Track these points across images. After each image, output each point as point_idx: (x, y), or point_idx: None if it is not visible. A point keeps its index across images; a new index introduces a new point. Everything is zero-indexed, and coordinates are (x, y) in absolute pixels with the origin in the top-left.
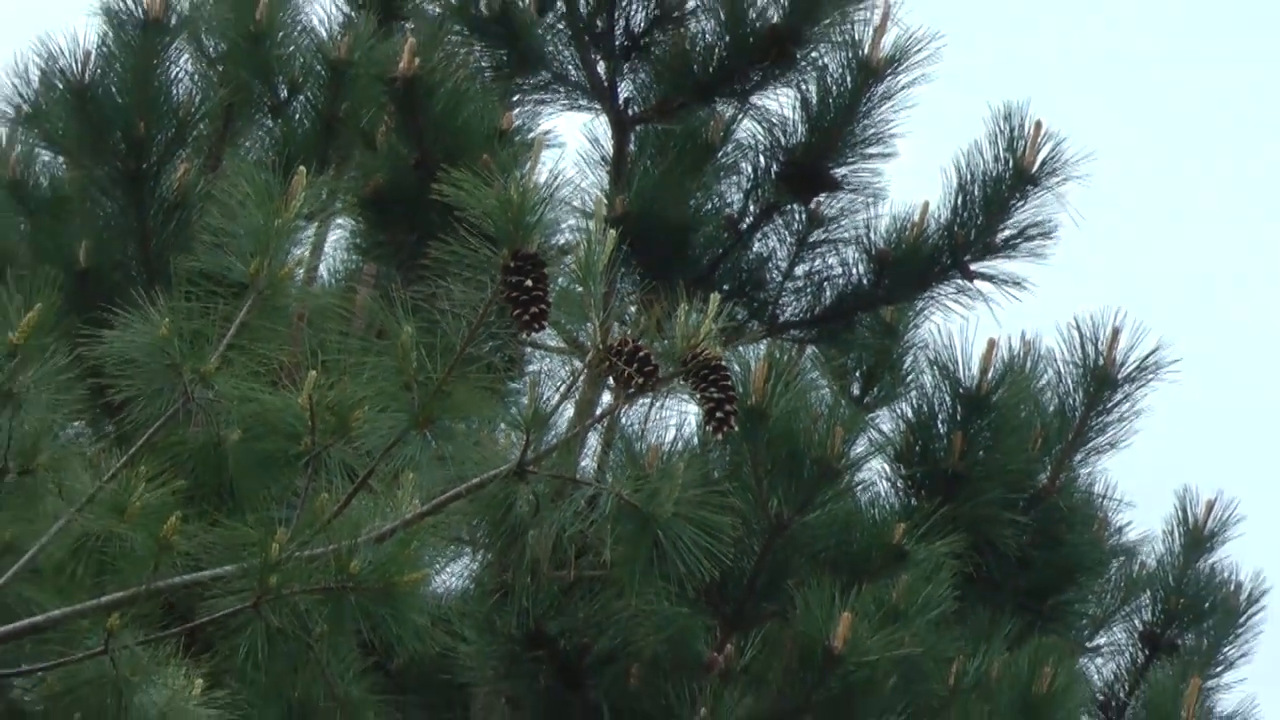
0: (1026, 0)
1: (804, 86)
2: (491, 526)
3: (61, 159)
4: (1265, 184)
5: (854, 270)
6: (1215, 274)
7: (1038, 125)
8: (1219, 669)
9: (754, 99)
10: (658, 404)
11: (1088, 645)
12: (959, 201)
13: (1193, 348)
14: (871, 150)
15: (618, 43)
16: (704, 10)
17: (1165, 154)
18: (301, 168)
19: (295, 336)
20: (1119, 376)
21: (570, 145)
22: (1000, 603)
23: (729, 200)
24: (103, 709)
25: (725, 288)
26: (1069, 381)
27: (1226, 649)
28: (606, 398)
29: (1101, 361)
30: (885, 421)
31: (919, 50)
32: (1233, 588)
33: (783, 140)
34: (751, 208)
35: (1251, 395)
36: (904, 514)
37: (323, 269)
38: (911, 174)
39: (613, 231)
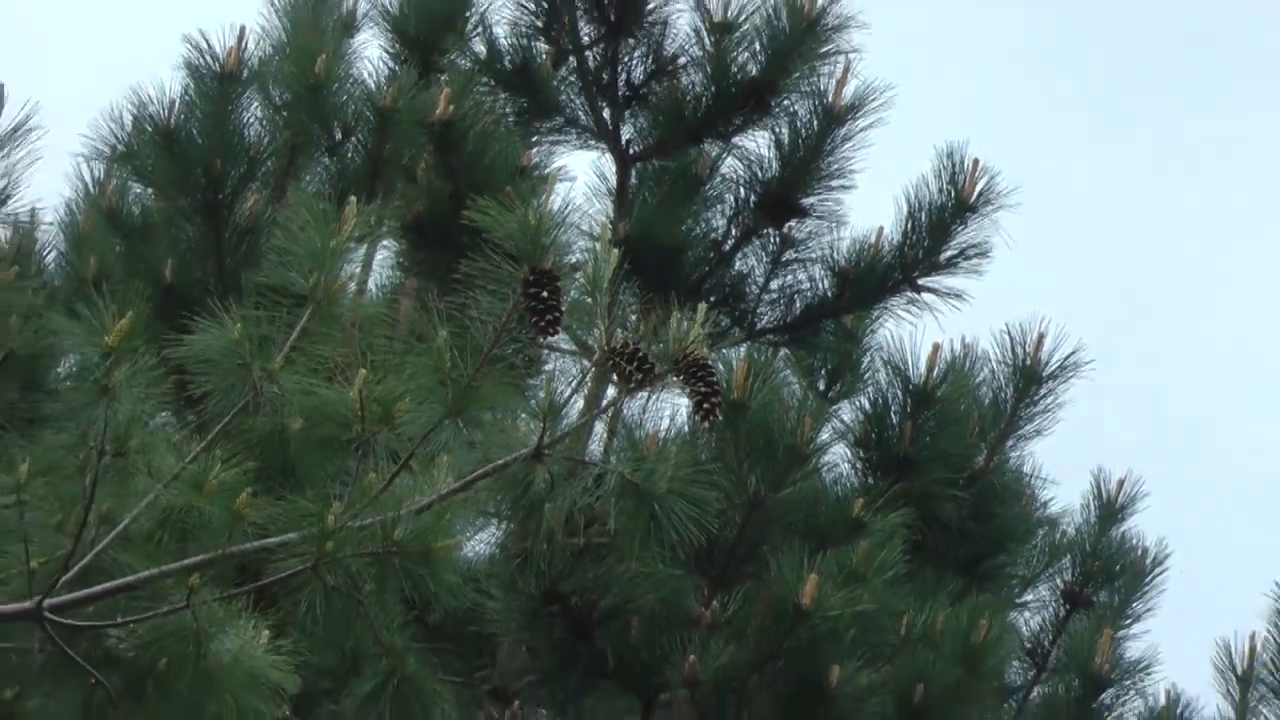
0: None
1: (778, 129)
2: (513, 501)
3: (150, 191)
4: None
5: (820, 285)
6: (1130, 284)
7: (975, 162)
8: (1128, 622)
9: (735, 140)
10: (654, 397)
11: (1017, 601)
12: (909, 226)
13: (1106, 344)
14: (835, 183)
15: (620, 93)
16: (693, 65)
17: (1084, 174)
18: (353, 198)
19: (348, 340)
20: (1043, 374)
21: (580, 179)
22: (943, 566)
23: (714, 225)
24: (184, 655)
25: (711, 299)
26: (1001, 379)
27: (1134, 604)
28: (611, 392)
29: (1029, 362)
30: (846, 413)
31: (875, 99)
32: (1140, 553)
33: (760, 175)
34: (733, 232)
35: (1157, 385)
36: (862, 491)
37: (371, 283)
38: (868, 202)
39: (616, 251)
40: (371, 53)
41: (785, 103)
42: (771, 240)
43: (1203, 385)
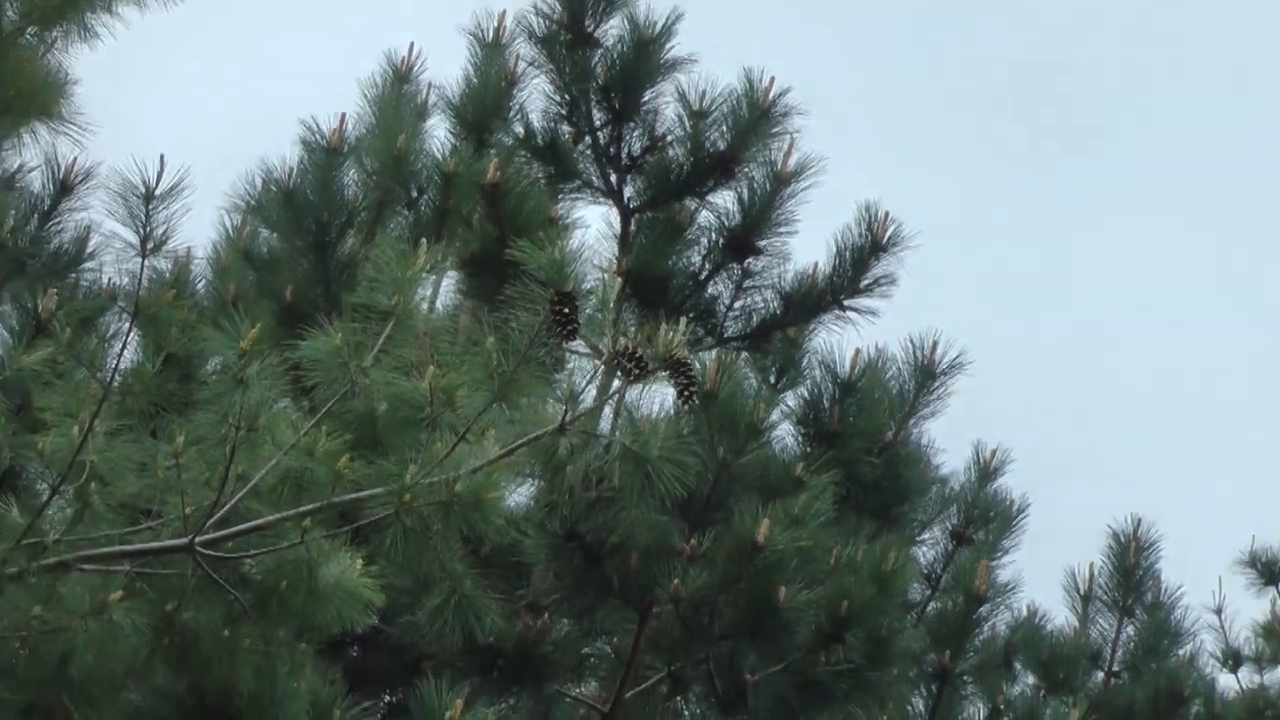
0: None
1: (740, 190)
2: (543, 464)
3: (274, 235)
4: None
5: (771, 305)
6: (1008, 300)
7: (886, 214)
8: (999, 555)
9: (709, 198)
10: (648, 388)
11: (917, 539)
12: (837, 262)
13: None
14: (782, 230)
15: (623, 163)
16: (677, 142)
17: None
18: (424, 240)
19: (420, 345)
20: (937, 371)
21: (592, 227)
22: (862, 513)
23: (693, 261)
24: (299, 578)
25: (690, 316)
26: (905, 374)
27: (1004, 542)
28: (616, 383)
29: (926, 362)
30: (790, 400)
31: (812, 167)
32: (1008, 503)
33: (726, 223)
34: (707, 266)
35: (1028, 379)
36: (802, 457)
37: (438, 303)
38: (807, 242)
39: (619, 280)
40: (439, 132)
41: (746, 170)
42: (735, 272)
43: (1059, 376)
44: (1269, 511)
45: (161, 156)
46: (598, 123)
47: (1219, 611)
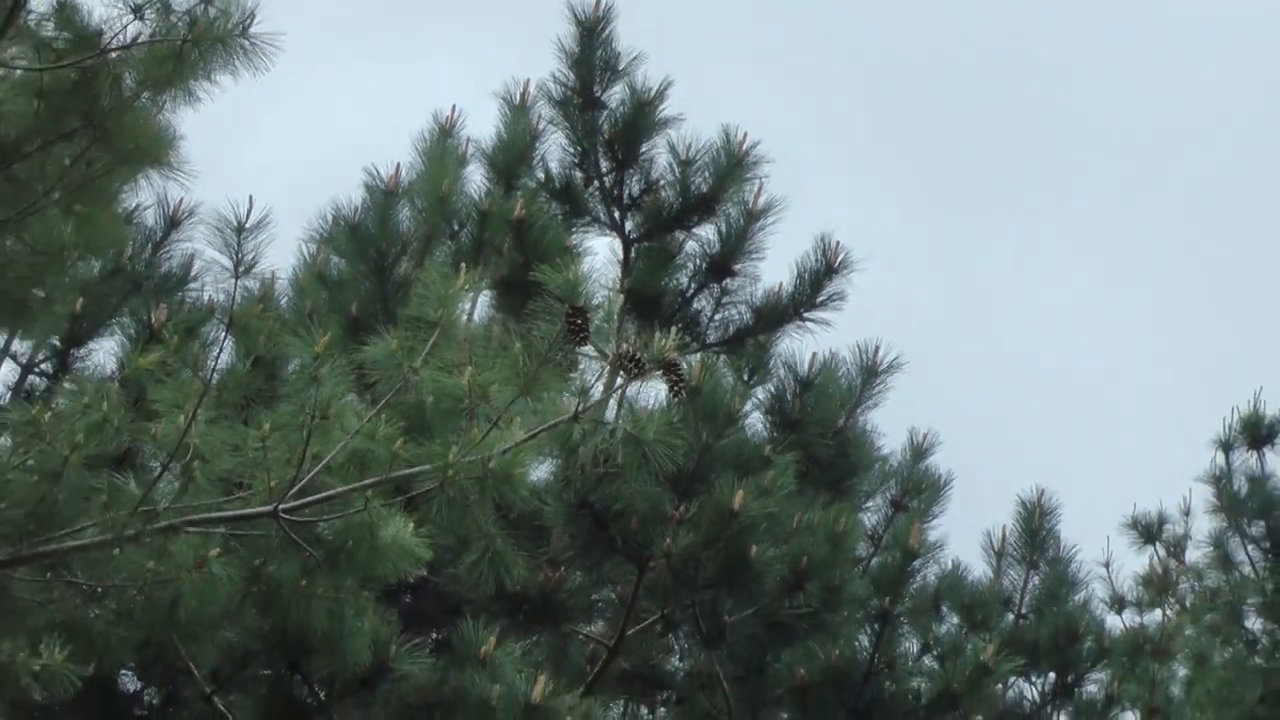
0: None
1: (719, 224)
2: (560, 445)
3: (342, 260)
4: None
5: (744, 317)
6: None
7: (838, 243)
8: (929, 519)
9: (694, 230)
10: (645, 384)
11: (863, 507)
12: (798, 282)
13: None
14: (754, 256)
15: (625, 202)
16: (668, 185)
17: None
18: (464, 265)
19: (461, 350)
20: (879, 370)
21: (600, 254)
22: (818, 485)
23: (681, 282)
24: (363, 538)
25: (679, 326)
26: (853, 372)
27: (934, 509)
28: (619, 381)
29: (870, 363)
30: (760, 393)
31: (778, 205)
32: (937, 477)
33: (708, 251)
34: (692, 285)
35: (955, 377)
36: (770, 440)
37: (475, 316)
38: (774, 265)
39: (621, 297)
40: (476, 178)
41: (724, 208)
42: (715, 290)
43: (976, 369)
44: (1148, 483)
45: (250, 197)
46: (604, 170)
47: (1107, 565)
